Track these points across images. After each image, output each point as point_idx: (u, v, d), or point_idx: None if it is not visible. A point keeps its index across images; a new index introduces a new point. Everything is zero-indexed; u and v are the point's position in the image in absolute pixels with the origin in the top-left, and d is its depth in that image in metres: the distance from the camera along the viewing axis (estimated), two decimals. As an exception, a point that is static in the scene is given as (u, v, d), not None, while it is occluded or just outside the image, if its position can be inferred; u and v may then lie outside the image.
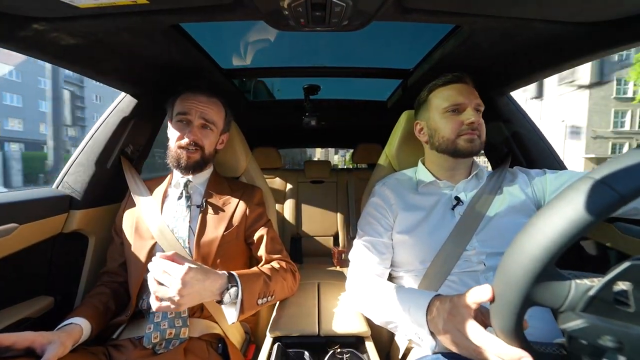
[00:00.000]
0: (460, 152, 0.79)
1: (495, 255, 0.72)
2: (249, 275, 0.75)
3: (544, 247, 0.31)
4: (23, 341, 0.58)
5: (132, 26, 0.70)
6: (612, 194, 0.28)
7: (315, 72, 1.32)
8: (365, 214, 0.91)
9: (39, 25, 0.64)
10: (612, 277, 0.31)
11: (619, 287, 0.31)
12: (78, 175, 0.98)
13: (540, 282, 0.32)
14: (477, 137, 0.78)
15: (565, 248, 0.30)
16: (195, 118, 0.87)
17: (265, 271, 0.81)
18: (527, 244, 0.33)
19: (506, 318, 0.36)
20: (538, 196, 0.80)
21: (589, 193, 0.29)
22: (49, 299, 0.88)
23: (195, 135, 0.86)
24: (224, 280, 0.68)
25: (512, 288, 0.34)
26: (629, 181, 0.28)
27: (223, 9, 0.65)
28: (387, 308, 0.65)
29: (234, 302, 0.68)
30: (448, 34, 0.88)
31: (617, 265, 0.32)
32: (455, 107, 0.80)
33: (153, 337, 0.73)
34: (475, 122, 0.77)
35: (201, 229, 0.86)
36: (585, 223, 0.29)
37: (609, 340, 0.30)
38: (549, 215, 0.32)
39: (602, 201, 0.29)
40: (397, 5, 0.62)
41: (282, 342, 0.74)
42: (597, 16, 0.64)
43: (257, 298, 0.73)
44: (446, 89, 0.82)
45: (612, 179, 0.29)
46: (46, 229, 0.88)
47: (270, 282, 0.79)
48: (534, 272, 0.32)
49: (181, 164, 0.87)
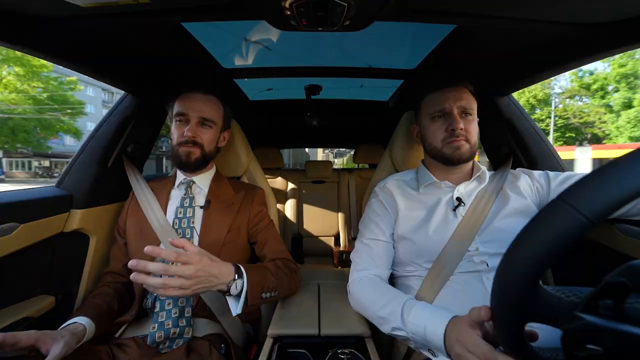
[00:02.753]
0: (448, 160, 0.80)
1: (498, 255, 0.72)
2: (255, 268, 0.75)
3: (522, 274, 0.32)
4: (27, 340, 0.57)
5: (134, 26, 0.70)
6: (578, 218, 0.28)
7: (316, 72, 1.32)
8: (366, 214, 0.91)
9: (41, 25, 0.64)
10: (594, 294, 0.32)
11: (604, 302, 0.32)
12: (79, 175, 0.98)
13: (530, 301, 0.33)
14: (464, 142, 0.78)
15: (544, 270, 0.31)
16: (192, 116, 0.87)
17: (270, 267, 0.81)
18: (510, 266, 0.34)
19: (507, 335, 0.37)
20: (540, 198, 0.80)
21: (559, 217, 0.30)
22: (49, 298, 0.88)
23: (193, 133, 0.86)
24: (231, 270, 0.68)
25: (505, 307, 0.36)
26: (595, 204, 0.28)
27: (225, 9, 0.65)
28: (398, 320, 0.64)
29: (239, 295, 0.69)
30: (450, 34, 0.88)
31: (601, 282, 0.32)
32: (439, 112, 0.80)
33: (157, 337, 0.74)
34: (456, 129, 0.77)
35: (205, 229, 0.86)
36: (557, 248, 0.29)
37: (604, 341, 0.31)
38: (522, 242, 0.33)
39: (569, 227, 0.29)
40: (399, 5, 0.62)
41: (282, 342, 0.74)
42: (598, 17, 0.64)
43: (261, 292, 0.73)
44: (434, 94, 0.83)
45: (577, 202, 0.29)
46: (47, 228, 0.88)
47: (275, 278, 0.79)
48: (522, 292, 0.33)
49: (182, 162, 0.87)
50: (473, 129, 0.80)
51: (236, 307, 0.69)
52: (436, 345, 0.56)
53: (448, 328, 0.55)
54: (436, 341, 0.56)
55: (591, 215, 0.27)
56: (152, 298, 0.81)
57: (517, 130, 1.11)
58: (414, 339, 0.61)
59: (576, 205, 0.28)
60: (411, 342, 0.63)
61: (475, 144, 0.81)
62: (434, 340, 0.56)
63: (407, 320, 0.62)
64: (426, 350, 0.60)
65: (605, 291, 0.31)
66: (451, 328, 0.54)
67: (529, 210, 0.76)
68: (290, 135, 2.66)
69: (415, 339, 0.61)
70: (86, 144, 1.01)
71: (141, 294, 0.82)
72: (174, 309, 0.78)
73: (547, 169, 0.88)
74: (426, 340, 0.58)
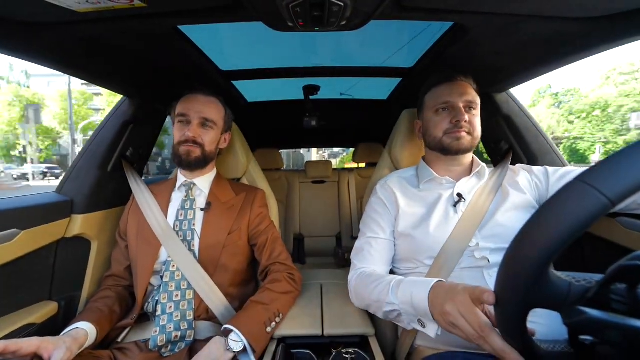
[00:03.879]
0: (447, 150, 0.81)
1: (499, 251, 0.72)
2: (245, 312, 0.75)
3: (538, 253, 0.31)
4: (29, 347, 0.58)
5: (131, 29, 0.70)
6: (600, 198, 0.28)
7: (314, 72, 1.32)
8: (367, 212, 0.91)
9: (38, 31, 0.64)
10: (607, 279, 0.32)
11: (616, 287, 0.32)
12: (79, 180, 0.98)
13: (539, 286, 0.33)
14: (465, 134, 0.79)
15: (558, 253, 0.31)
16: (193, 117, 0.88)
17: (259, 300, 0.79)
18: (522, 249, 0.33)
19: (509, 321, 0.37)
20: (540, 193, 0.80)
21: (581, 197, 0.29)
22: (52, 304, 0.88)
23: (194, 133, 0.87)
24: (220, 340, 0.68)
25: (511, 292, 0.35)
26: (617, 186, 0.28)
27: (221, 11, 0.65)
28: (389, 295, 0.66)
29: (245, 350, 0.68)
30: (447, 31, 0.88)
31: (613, 266, 0.32)
32: (444, 105, 0.81)
33: (159, 340, 0.74)
34: (461, 120, 0.78)
35: (205, 231, 0.86)
36: (574, 228, 0.29)
37: (611, 334, 0.30)
38: (540, 222, 0.32)
39: (591, 207, 0.28)
40: (395, 3, 0.62)
41: (286, 343, 0.74)
42: (596, 11, 0.64)
43: (264, 327, 0.73)
44: (437, 88, 0.84)
45: (600, 183, 0.28)
46: (48, 234, 0.88)
47: (270, 304, 0.78)
48: (532, 276, 0.32)
49: (182, 160, 0.88)
50: (477, 122, 0.81)
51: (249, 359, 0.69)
52: (422, 308, 0.57)
53: (434, 289, 0.56)
54: (422, 304, 0.57)
55: (612, 196, 0.27)
56: (153, 302, 0.81)
57: (516, 126, 1.11)
58: (404, 310, 0.62)
59: (597, 186, 0.28)
60: (404, 319, 0.64)
61: (477, 137, 0.82)
62: (420, 305, 0.57)
63: (398, 293, 0.63)
64: (417, 323, 0.61)
65: (618, 275, 0.31)
66: (438, 289, 0.55)
67: (528, 205, 0.76)
68: (289, 136, 2.66)
69: (406, 310, 0.61)
70: (86, 149, 1.01)
71: (143, 298, 0.82)
72: (175, 313, 0.78)
73: (546, 164, 0.88)
74: (413, 306, 0.59)
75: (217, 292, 0.83)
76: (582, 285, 0.33)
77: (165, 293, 0.79)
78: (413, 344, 0.78)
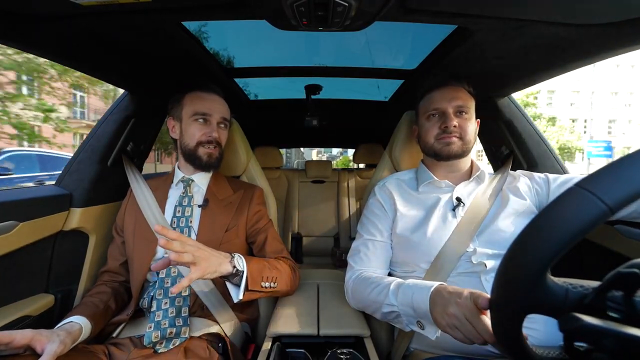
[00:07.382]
0: (438, 155, 0.83)
1: (496, 256, 0.71)
2: (254, 258, 0.79)
3: (536, 258, 0.31)
4: (22, 339, 0.57)
5: (135, 24, 0.70)
6: (600, 206, 0.28)
7: (317, 72, 1.32)
8: (364, 214, 0.91)
9: (41, 23, 0.64)
10: (604, 285, 0.32)
11: (612, 294, 0.32)
12: (79, 173, 0.98)
13: (536, 291, 0.33)
14: (456, 139, 0.80)
15: (556, 259, 0.31)
16: (215, 117, 0.89)
17: (269, 260, 0.84)
18: (520, 254, 0.33)
19: (505, 325, 0.37)
20: (539, 199, 0.80)
21: (580, 203, 0.29)
22: (49, 296, 0.88)
23: (218, 134, 0.89)
24: (226, 254, 0.71)
25: (508, 297, 0.35)
26: (616, 193, 0.28)
27: (226, 8, 0.65)
28: (388, 296, 0.66)
29: (239, 285, 0.71)
30: (450, 34, 0.88)
31: (610, 273, 0.32)
32: (434, 111, 0.82)
33: (153, 336, 0.73)
34: (449, 126, 0.79)
35: (203, 228, 0.86)
36: (573, 235, 0.29)
37: (606, 342, 0.30)
38: (538, 227, 0.32)
39: (590, 214, 0.28)
40: (399, 5, 0.62)
41: (281, 342, 0.74)
42: (599, 18, 0.64)
43: (261, 280, 0.75)
44: (429, 94, 0.85)
45: (600, 190, 0.28)
46: (47, 227, 0.87)
47: (274, 270, 0.81)
48: (529, 281, 0.32)
49: (203, 163, 0.88)
50: (468, 126, 0.81)
51: (237, 293, 0.71)
52: (422, 310, 0.57)
53: (437, 291, 0.57)
54: (422, 306, 0.57)
55: (612, 203, 0.28)
56: (148, 297, 0.81)
57: (517, 131, 1.11)
58: (404, 312, 0.62)
59: (597, 193, 0.28)
60: (403, 320, 0.64)
61: (469, 141, 0.82)
62: (421, 306, 0.58)
63: (398, 294, 0.64)
64: (416, 325, 0.61)
65: (615, 282, 0.31)
66: (441, 291, 0.56)
67: (528, 211, 0.76)
68: (290, 135, 2.66)
69: (405, 311, 0.62)
70: (86, 143, 1.01)
71: (138, 293, 0.82)
72: (170, 309, 0.78)
73: (547, 170, 0.87)
74: (413, 308, 0.60)
75: (213, 288, 0.83)
76: (579, 291, 0.33)
77: (161, 289, 0.79)
78: (409, 347, 0.78)
